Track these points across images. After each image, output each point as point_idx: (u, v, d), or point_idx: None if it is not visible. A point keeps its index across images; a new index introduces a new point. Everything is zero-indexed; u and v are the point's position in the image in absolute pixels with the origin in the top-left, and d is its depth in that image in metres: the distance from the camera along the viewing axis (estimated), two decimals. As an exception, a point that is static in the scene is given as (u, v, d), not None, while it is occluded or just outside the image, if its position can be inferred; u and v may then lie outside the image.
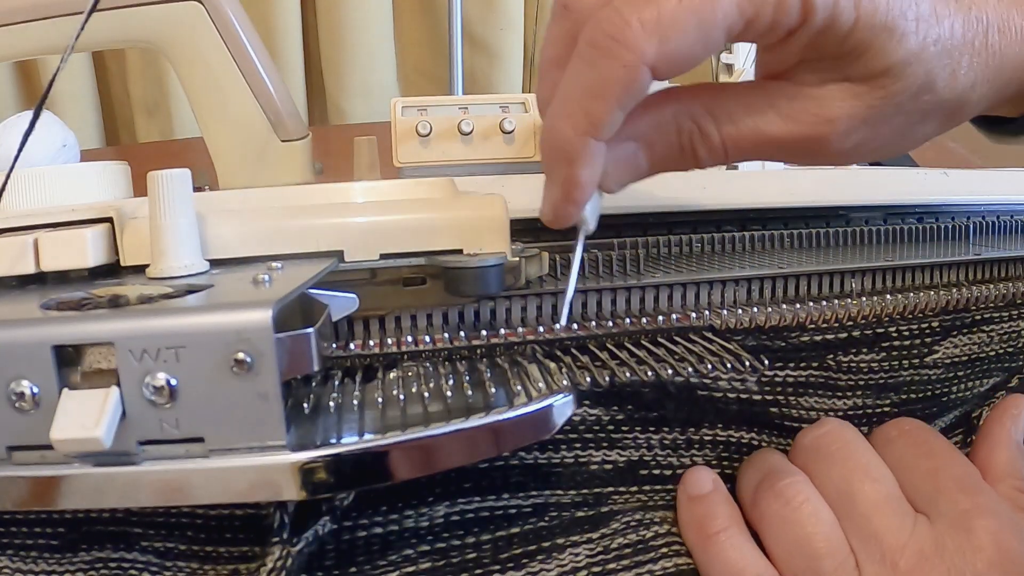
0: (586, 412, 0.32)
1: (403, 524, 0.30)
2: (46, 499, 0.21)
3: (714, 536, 0.30)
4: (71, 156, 0.45)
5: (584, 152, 0.23)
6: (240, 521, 0.29)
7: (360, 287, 0.29)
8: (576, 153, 0.24)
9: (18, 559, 0.29)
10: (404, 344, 0.31)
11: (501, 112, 0.39)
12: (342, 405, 0.26)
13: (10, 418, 0.21)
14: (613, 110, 0.23)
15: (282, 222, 0.29)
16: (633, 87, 0.22)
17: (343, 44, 0.96)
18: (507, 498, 0.31)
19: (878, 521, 0.29)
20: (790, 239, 0.39)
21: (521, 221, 0.32)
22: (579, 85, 0.23)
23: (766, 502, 0.30)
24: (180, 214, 0.27)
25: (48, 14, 0.35)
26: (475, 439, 0.24)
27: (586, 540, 0.31)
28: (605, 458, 0.32)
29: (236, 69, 0.36)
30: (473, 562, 0.30)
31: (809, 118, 0.24)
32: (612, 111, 0.23)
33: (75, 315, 0.22)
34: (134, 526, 0.29)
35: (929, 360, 0.36)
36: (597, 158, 0.24)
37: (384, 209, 0.30)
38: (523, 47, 1.03)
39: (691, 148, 0.25)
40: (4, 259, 0.27)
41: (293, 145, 0.37)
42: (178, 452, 0.21)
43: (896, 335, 0.36)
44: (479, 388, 0.27)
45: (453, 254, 0.29)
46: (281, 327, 0.21)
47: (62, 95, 0.90)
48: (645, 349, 0.31)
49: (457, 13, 0.86)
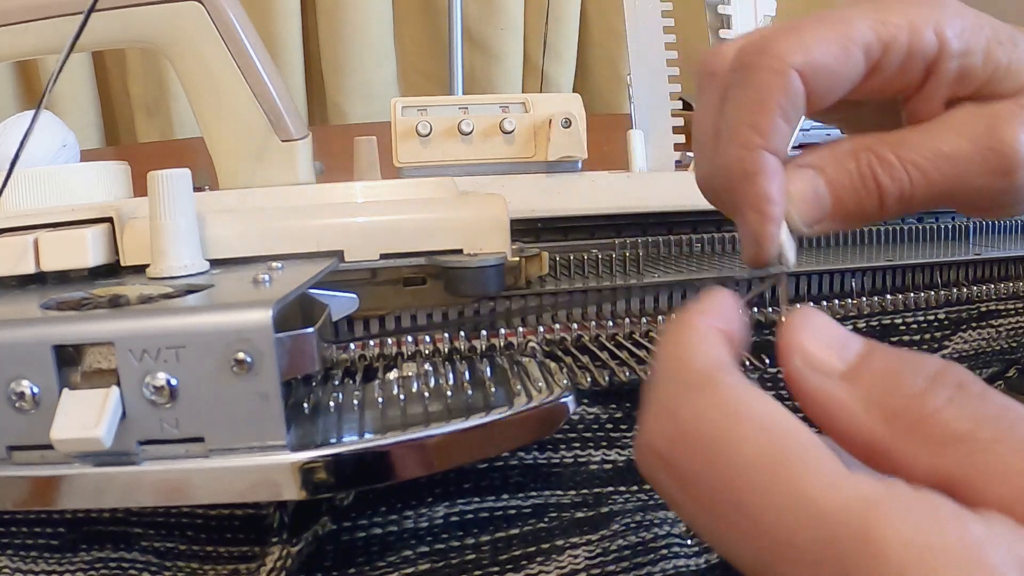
0: (585, 411, 0.32)
1: (402, 525, 0.30)
2: (46, 499, 0.21)
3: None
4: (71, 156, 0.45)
5: (760, 163, 0.23)
6: (240, 521, 0.29)
7: (360, 287, 0.29)
8: (754, 166, 0.23)
9: (18, 559, 0.29)
10: (404, 344, 0.31)
11: (501, 112, 0.39)
12: (342, 405, 0.26)
13: (10, 418, 0.21)
14: (775, 116, 0.23)
15: (282, 222, 0.29)
16: (788, 91, 0.23)
17: (343, 44, 0.96)
18: (507, 499, 0.31)
19: None
20: (790, 239, 0.39)
21: (521, 221, 0.32)
22: (738, 108, 0.23)
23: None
24: (180, 214, 0.27)
25: (48, 14, 0.35)
26: (475, 439, 0.24)
27: (585, 542, 0.31)
28: (605, 457, 0.32)
29: (236, 69, 0.36)
30: (472, 563, 0.30)
31: (982, 129, 0.24)
32: (774, 117, 0.23)
33: (75, 315, 0.22)
34: (134, 526, 0.29)
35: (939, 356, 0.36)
36: (775, 169, 0.24)
37: (384, 209, 0.30)
38: (523, 47, 1.03)
39: (871, 173, 0.25)
40: (4, 259, 0.27)
41: (293, 145, 0.37)
42: (178, 452, 0.21)
43: (904, 329, 0.36)
44: (479, 388, 0.27)
45: (453, 254, 0.29)
46: (281, 327, 0.21)
47: (62, 95, 0.90)
48: (645, 349, 0.31)
49: (457, 13, 0.86)
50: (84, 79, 0.93)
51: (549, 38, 1.03)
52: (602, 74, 1.07)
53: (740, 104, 0.23)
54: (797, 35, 0.23)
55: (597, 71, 1.07)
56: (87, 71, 0.93)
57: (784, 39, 0.23)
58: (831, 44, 0.23)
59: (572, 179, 0.39)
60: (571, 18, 1.03)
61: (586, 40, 1.07)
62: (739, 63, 0.23)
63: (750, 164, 0.23)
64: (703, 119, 0.26)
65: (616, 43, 1.03)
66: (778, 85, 0.23)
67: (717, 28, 0.50)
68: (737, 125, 0.23)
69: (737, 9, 0.49)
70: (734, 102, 0.24)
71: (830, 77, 0.23)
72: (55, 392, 0.20)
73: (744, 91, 0.23)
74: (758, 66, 0.23)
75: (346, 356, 0.30)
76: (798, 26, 0.23)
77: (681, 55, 0.48)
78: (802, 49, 0.22)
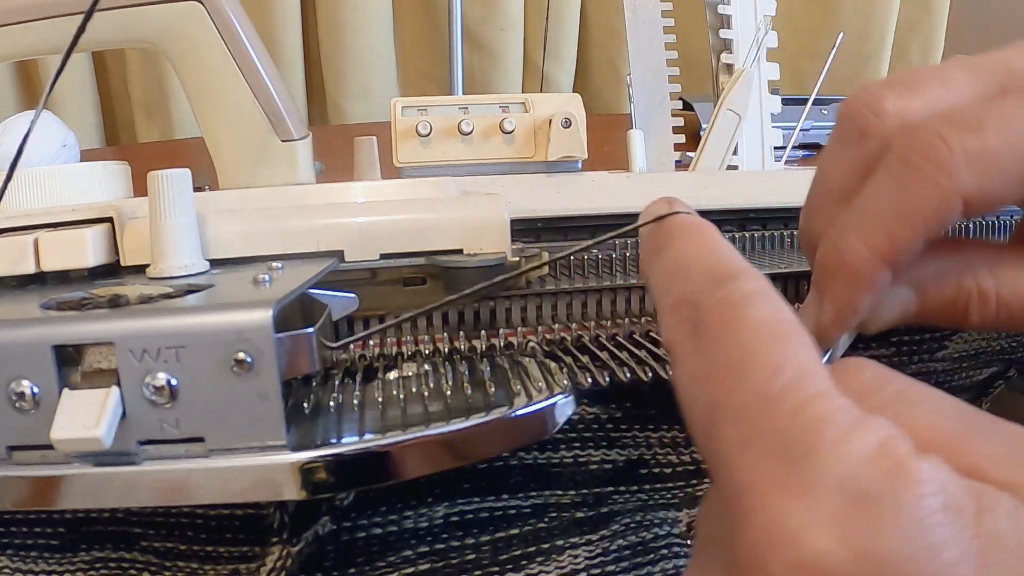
0: (585, 411, 0.32)
1: (402, 525, 0.30)
2: (46, 499, 0.21)
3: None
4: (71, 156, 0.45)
5: (874, 277, 0.21)
6: (240, 521, 0.29)
7: (360, 287, 0.29)
8: (866, 276, 0.21)
9: (18, 559, 0.29)
10: (404, 344, 0.31)
11: (501, 112, 0.39)
12: (342, 405, 0.26)
13: (10, 418, 0.21)
14: (918, 237, 0.21)
15: (282, 222, 0.29)
16: (944, 216, 0.20)
17: (343, 44, 0.96)
18: (507, 499, 0.31)
19: None
20: (790, 239, 0.39)
21: (521, 221, 0.32)
22: (883, 204, 0.21)
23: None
24: (180, 214, 0.27)
25: (48, 14, 0.35)
26: (475, 439, 0.24)
27: (585, 542, 0.31)
28: (604, 457, 0.32)
29: (236, 69, 0.36)
30: (472, 563, 0.30)
31: None
32: (917, 238, 0.21)
33: (75, 315, 0.22)
34: (134, 526, 0.29)
35: (939, 355, 0.36)
36: (882, 288, 0.22)
37: (384, 209, 0.30)
38: (523, 47, 1.03)
39: (964, 307, 0.23)
40: (4, 259, 0.27)
41: (293, 145, 0.37)
42: (178, 452, 0.21)
43: (904, 328, 0.36)
44: (479, 388, 0.27)
45: (453, 254, 0.29)
46: (281, 327, 0.21)
47: (62, 95, 0.90)
48: (645, 349, 0.31)
49: (457, 13, 0.86)
50: (84, 79, 0.93)
51: (549, 38, 1.03)
52: (602, 74, 1.07)
53: (887, 201, 0.21)
54: (979, 139, 0.19)
55: (597, 71, 1.07)
56: (87, 71, 0.93)
57: (964, 157, 0.19)
58: (1011, 172, 0.19)
59: (572, 179, 0.39)
60: (571, 18, 1.03)
61: (586, 40, 1.07)
62: (902, 154, 0.20)
63: (864, 271, 0.21)
64: (834, 172, 0.23)
65: (616, 43, 1.03)
66: (936, 207, 0.20)
67: (717, 28, 0.50)
68: (874, 222, 0.21)
69: (737, 9, 0.49)
70: (881, 193, 0.21)
71: (996, 203, 0.20)
72: (55, 392, 0.20)
73: (899, 191, 0.20)
74: (924, 176, 0.20)
75: (346, 356, 0.30)
76: (981, 120, 0.20)
77: (681, 55, 0.48)
78: (980, 172, 0.19)
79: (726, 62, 0.49)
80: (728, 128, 0.46)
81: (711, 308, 0.17)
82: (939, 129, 0.20)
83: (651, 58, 0.46)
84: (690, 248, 0.19)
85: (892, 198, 0.21)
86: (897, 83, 0.22)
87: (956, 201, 0.20)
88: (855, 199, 0.22)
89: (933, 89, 0.22)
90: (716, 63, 0.50)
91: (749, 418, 0.15)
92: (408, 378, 0.29)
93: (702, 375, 0.17)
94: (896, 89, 0.22)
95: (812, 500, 0.14)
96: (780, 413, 0.15)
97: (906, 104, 0.21)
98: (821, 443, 0.14)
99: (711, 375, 0.16)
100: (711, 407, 0.16)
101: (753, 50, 0.48)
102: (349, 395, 0.27)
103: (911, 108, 0.21)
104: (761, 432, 0.15)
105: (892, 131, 0.21)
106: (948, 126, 0.20)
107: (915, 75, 0.22)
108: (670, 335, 0.18)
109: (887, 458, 0.14)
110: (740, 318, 0.17)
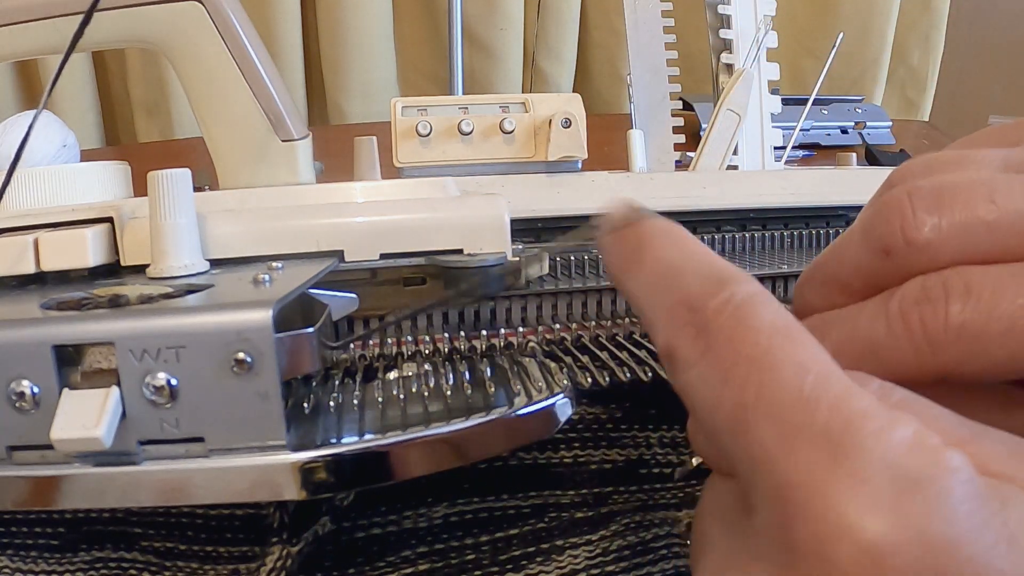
0: (585, 411, 0.32)
1: (402, 525, 0.30)
2: (46, 499, 0.21)
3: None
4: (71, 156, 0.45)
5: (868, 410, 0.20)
6: (240, 521, 0.29)
7: (360, 287, 0.29)
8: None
9: (18, 559, 0.29)
10: (404, 344, 0.31)
11: (501, 112, 0.39)
12: (342, 405, 0.26)
13: (10, 418, 0.21)
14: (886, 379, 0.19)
15: (282, 222, 0.29)
16: (915, 378, 0.19)
17: (343, 44, 0.96)
18: (506, 499, 0.31)
19: None
20: (790, 239, 0.39)
21: (521, 221, 0.32)
22: (864, 346, 0.20)
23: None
24: (180, 214, 0.27)
25: (48, 14, 0.35)
26: (475, 439, 0.24)
27: (585, 542, 0.31)
28: (604, 457, 0.32)
29: (236, 69, 0.36)
30: (472, 563, 0.30)
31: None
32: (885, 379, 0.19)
33: (75, 315, 0.22)
34: (134, 526, 0.29)
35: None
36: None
37: (384, 209, 0.30)
38: (523, 47, 1.03)
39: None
40: (4, 259, 0.27)
41: (293, 145, 0.37)
42: (178, 452, 0.21)
43: None
44: (479, 388, 0.27)
45: (453, 254, 0.29)
46: (281, 327, 0.21)
47: (62, 95, 0.90)
48: (645, 349, 0.31)
49: (457, 13, 0.86)
50: (84, 79, 0.93)
51: (549, 38, 1.03)
52: (602, 74, 1.07)
53: (869, 344, 0.20)
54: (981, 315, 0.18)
55: (597, 71, 1.08)
56: (87, 71, 0.93)
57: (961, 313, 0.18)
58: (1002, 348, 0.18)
59: (572, 179, 0.39)
60: (571, 18, 1.03)
61: (586, 40, 1.07)
62: (905, 310, 0.19)
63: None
64: (844, 265, 0.21)
65: (616, 43, 1.03)
66: (915, 373, 0.19)
67: (717, 28, 0.50)
68: (849, 353, 0.20)
69: (737, 9, 0.49)
70: (870, 331, 0.20)
71: (976, 379, 0.19)
72: (55, 392, 0.20)
73: (885, 338, 0.19)
74: (912, 340, 0.19)
75: (346, 356, 0.30)
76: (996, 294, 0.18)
77: (681, 55, 0.48)
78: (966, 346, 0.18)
79: (726, 62, 0.49)
80: (728, 128, 0.46)
81: (716, 311, 0.18)
82: (948, 289, 0.19)
83: (651, 58, 0.46)
84: (675, 253, 0.20)
85: (875, 341, 0.20)
86: (939, 196, 0.20)
87: (932, 373, 0.19)
88: (849, 310, 0.21)
89: (978, 208, 0.19)
90: (716, 63, 0.50)
91: (786, 415, 0.16)
92: (408, 378, 0.29)
93: (720, 377, 0.17)
94: (939, 212, 0.19)
95: (865, 488, 0.14)
96: (819, 409, 0.15)
97: (941, 240, 0.19)
98: (865, 434, 0.15)
99: (731, 377, 0.17)
100: (739, 407, 0.16)
101: (753, 50, 0.48)
102: (349, 395, 0.27)
103: (944, 246, 0.19)
104: (802, 428, 0.15)
105: (915, 267, 0.20)
106: (956, 296, 0.18)
107: (966, 188, 0.20)
108: (671, 340, 0.18)
109: (925, 447, 0.15)
110: (751, 319, 0.17)
